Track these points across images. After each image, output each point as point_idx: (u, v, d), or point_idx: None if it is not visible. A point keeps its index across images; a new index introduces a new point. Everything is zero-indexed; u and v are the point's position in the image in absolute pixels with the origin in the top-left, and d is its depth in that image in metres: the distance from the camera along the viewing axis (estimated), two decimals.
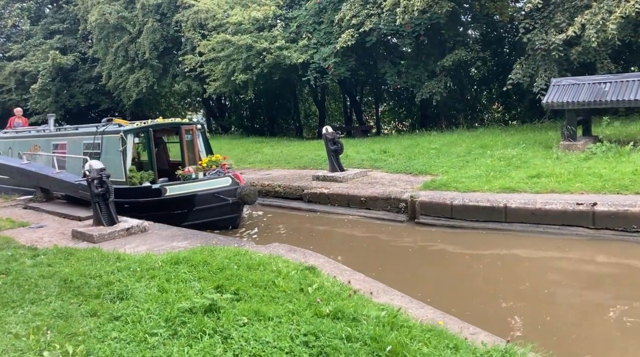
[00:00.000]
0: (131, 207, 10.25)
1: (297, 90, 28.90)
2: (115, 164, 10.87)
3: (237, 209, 10.50)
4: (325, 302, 5.00)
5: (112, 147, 11.02)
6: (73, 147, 12.32)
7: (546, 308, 6.35)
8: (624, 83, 11.72)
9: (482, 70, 24.01)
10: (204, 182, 10.51)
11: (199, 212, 10.35)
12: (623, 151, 11.15)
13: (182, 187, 10.50)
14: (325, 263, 6.82)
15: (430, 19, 17.87)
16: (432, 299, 6.32)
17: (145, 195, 10.58)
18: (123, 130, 10.89)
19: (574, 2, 14.34)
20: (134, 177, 10.94)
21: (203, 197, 10.33)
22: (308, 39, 20.25)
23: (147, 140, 11.31)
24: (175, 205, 10.37)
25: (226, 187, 10.34)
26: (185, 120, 12.03)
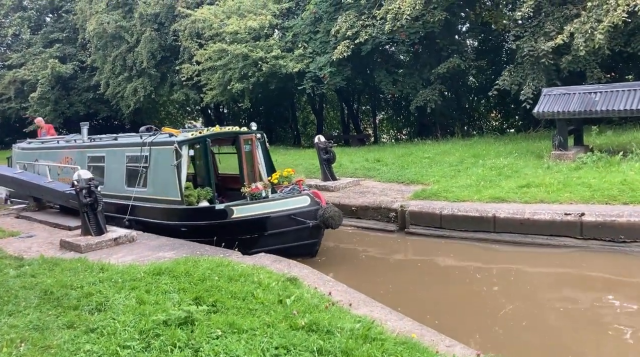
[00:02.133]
0: (189, 231, 9.10)
1: (295, 98, 29.01)
2: (167, 180, 9.51)
3: (318, 233, 8.88)
4: (301, 314, 5.01)
5: (163, 160, 9.62)
6: (113, 159, 10.99)
7: (527, 321, 6.35)
8: (613, 93, 11.74)
9: (479, 78, 24.08)
10: (277, 201, 8.94)
11: (271, 238, 8.87)
12: (613, 161, 11.16)
13: (252, 208, 8.95)
14: (309, 274, 6.83)
15: (424, 27, 17.96)
16: (414, 310, 6.31)
17: (207, 217, 9.12)
18: (177, 141, 9.43)
19: (564, 11, 14.42)
20: (190, 196, 9.46)
21: (277, 220, 8.81)
22: (304, 49, 20.36)
23: (204, 152, 9.90)
24: (243, 229, 8.87)
25: (305, 208, 8.76)
26: (244, 129, 10.60)
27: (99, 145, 11.79)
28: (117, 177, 10.71)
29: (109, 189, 10.72)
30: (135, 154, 10.37)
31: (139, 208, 9.97)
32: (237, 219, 8.91)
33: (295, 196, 8.94)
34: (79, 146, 12.36)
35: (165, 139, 9.81)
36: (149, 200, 9.85)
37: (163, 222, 9.49)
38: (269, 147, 10.98)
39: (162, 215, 9.60)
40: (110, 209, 10.31)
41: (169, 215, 9.49)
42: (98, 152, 11.59)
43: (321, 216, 8.64)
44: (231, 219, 8.89)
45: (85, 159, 11.78)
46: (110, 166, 11.00)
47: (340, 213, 8.90)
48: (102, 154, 11.37)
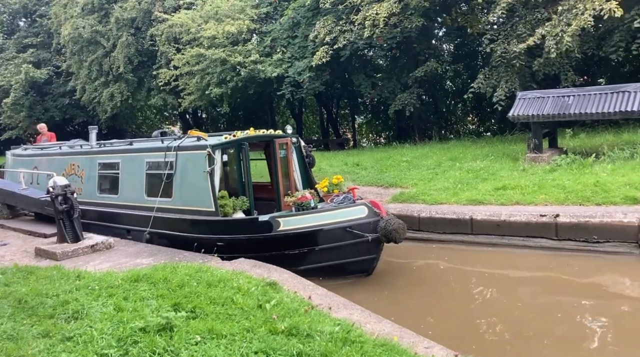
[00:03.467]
0: (227, 245, 8.17)
1: (274, 103, 28.97)
2: (198, 188, 8.62)
3: (377, 248, 7.94)
4: (281, 318, 5.02)
5: (193, 167, 8.73)
6: (130, 166, 10.01)
7: (504, 322, 6.45)
8: (586, 96, 12.01)
9: (456, 82, 24.37)
10: (330, 212, 8.02)
11: (323, 253, 8.01)
12: (586, 163, 11.39)
13: (301, 220, 8.05)
14: (289, 278, 6.83)
15: (402, 32, 18.13)
16: (394, 313, 6.36)
17: (249, 230, 8.21)
18: (211, 146, 8.52)
19: (535, 14, 14.69)
20: (226, 206, 8.55)
21: (330, 233, 7.91)
22: (282, 53, 20.37)
23: (239, 157, 8.99)
24: (291, 243, 8.03)
25: (362, 220, 7.83)
26: (279, 132, 9.72)
27: (112, 150, 10.78)
28: (135, 186, 9.82)
29: (125, 198, 9.94)
30: (157, 160, 9.43)
31: (163, 220, 9.04)
32: (284, 232, 7.98)
33: (350, 206, 8.02)
34: (88, 152, 11.33)
35: (195, 143, 8.89)
36: (174, 211, 8.97)
37: (194, 235, 8.51)
38: (304, 153, 9.97)
39: (192, 227, 8.69)
40: (126, 221, 9.72)
41: (201, 227, 8.56)
42: (111, 158, 10.59)
43: (383, 228, 7.67)
44: (277, 233, 7.99)
45: (96, 166, 10.89)
46: (127, 174, 10.06)
47: (405, 225, 7.87)
48: (117, 160, 10.37)
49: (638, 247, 8.32)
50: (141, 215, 9.37)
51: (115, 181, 10.34)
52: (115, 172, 10.37)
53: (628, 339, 5.81)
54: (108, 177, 10.62)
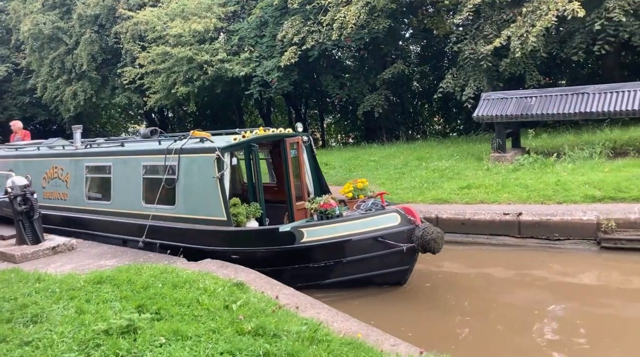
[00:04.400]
0: (243, 259, 7.47)
1: (242, 102, 28.78)
2: (205, 195, 7.93)
3: (411, 259, 7.42)
4: (248, 319, 4.99)
5: (199, 171, 8.02)
6: (124, 170, 9.21)
7: (467, 320, 6.56)
8: (548, 97, 12.32)
9: (423, 83, 24.67)
10: (359, 221, 7.39)
11: (351, 265, 7.43)
12: (548, 162, 11.69)
13: (327, 230, 7.39)
14: (256, 278, 6.79)
15: (369, 34, 18.25)
16: (358, 312, 6.40)
17: (269, 242, 7.57)
18: (220, 148, 7.78)
19: (500, 15, 15.00)
20: (239, 215, 7.85)
21: (360, 244, 7.32)
22: (250, 53, 20.24)
23: (248, 159, 8.27)
24: (316, 256, 7.44)
25: (394, 228, 7.28)
26: (289, 131, 8.98)
27: (102, 152, 9.89)
28: (130, 191, 9.02)
29: (119, 205, 9.18)
30: (155, 164, 8.67)
31: (165, 230, 8.33)
32: (308, 244, 7.34)
33: (381, 214, 7.42)
34: (73, 154, 10.44)
35: (201, 145, 8.15)
36: (177, 220, 8.27)
37: (203, 247, 7.84)
38: (315, 153, 9.33)
39: (202, 238, 7.96)
40: (123, 231, 8.94)
41: (212, 239, 7.84)
42: (101, 161, 9.77)
43: (419, 237, 7.10)
44: (300, 245, 7.35)
45: (83, 169, 10.01)
46: (120, 178, 9.25)
47: (443, 234, 7.29)
48: (108, 163, 9.55)
49: (597, 244, 8.59)
50: (140, 224, 8.55)
51: (106, 186, 9.52)
52: (107, 176, 9.54)
53: (592, 330, 6.00)
54: (98, 181, 9.83)
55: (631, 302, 6.83)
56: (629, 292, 7.15)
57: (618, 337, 5.80)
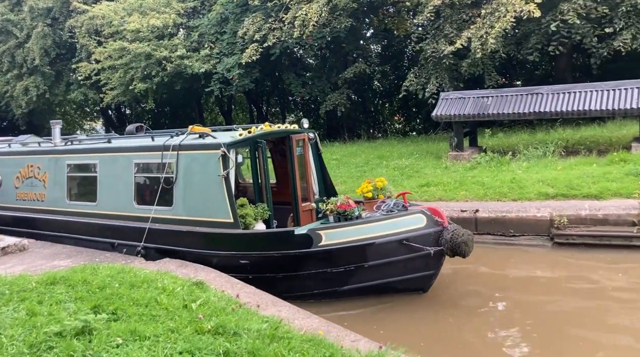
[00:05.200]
0: (254, 264, 7.07)
1: (203, 100, 28.42)
2: (210, 195, 7.40)
3: (437, 263, 6.98)
4: (207, 318, 4.93)
5: (201, 169, 7.50)
6: (112, 169, 8.59)
7: (428, 315, 6.69)
8: (504, 97, 12.66)
9: (383, 83, 24.95)
10: (382, 223, 6.92)
11: (373, 270, 6.94)
12: (504, 161, 12.01)
13: (347, 232, 6.89)
14: (216, 277, 6.73)
15: (331, 32, 18.32)
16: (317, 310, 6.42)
17: (283, 245, 7.01)
18: (225, 144, 7.26)
19: (460, 15, 15.32)
20: (247, 217, 7.28)
21: (383, 247, 6.84)
22: (210, 49, 20.00)
23: (254, 157, 7.80)
24: (336, 260, 6.91)
25: (420, 230, 6.84)
26: (294, 127, 8.42)
27: (87, 149, 9.20)
28: (119, 192, 8.43)
29: (106, 206, 8.52)
30: (150, 162, 8.12)
31: (163, 233, 7.73)
32: (326, 247, 6.83)
33: (405, 215, 6.98)
34: (52, 151, 9.69)
35: (204, 141, 7.58)
36: (174, 222, 7.69)
37: (207, 252, 7.37)
38: (321, 150, 8.79)
39: (205, 243, 7.46)
40: (111, 234, 8.30)
41: (218, 243, 7.35)
42: (85, 158, 9.09)
43: (449, 240, 6.68)
44: (318, 248, 6.83)
45: (64, 168, 9.31)
46: (108, 178, 8.62)
47: (473, 236, 6.91)
48: (94, 161, 8.87)
49: (550, 240, 8.88)
50: (132, 227, 7.98)
51: (92, 185, 8.86)
52: (92, 175, 8.89)
53: (545, 323, 6.20)
54: (81, 181, 9.21)
55: (576, 296, 7.09)
56: (577, 287, 7.41)
57: (563, 330, 6.02)
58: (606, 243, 8.51)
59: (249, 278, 6.82)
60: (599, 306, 6.71)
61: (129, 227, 8.02)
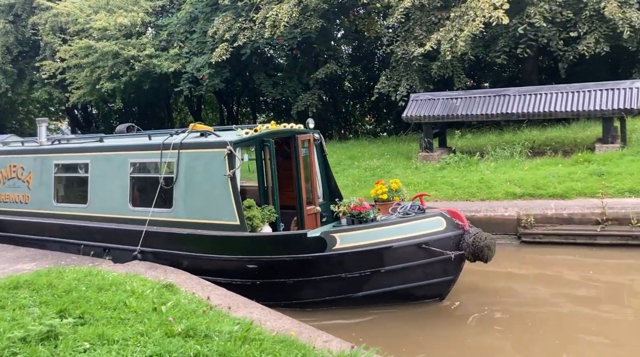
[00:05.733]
0: (263, 269, 6.78)
1: (172, 99, 28.06)
2: (214, 196, 7.11)
3: (456, 268, 6.72)
4: (178, 320, 4.86)
5: (205, 169, 7.20)
6: (106, 169, 8.24)
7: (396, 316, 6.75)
8: (472, 99, 12.88)
9: (355, 84, 25.08)
10: (399, 226, 6.65)
11: (390, 275, 6.66)
12: (472, 161, 12.21)
13: (363, 235, 6.62)
14: (186, 279, 6.64)
15: (302, 33, 18.31)
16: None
17: (295, 249, 6.70)
18: (232, 143, 6.97)
19: (430, 17, 15.52)
20: (255, 219, 6.94)
21: (401, 251, 6.57)
22: (180, 48, 19.75)
23: (260, 157, 7.39)
24: (350, 264, 6.62)
25: (440, 234, 6.58)
26: (300, 127, 8.08)
27: (77, 148, 8.83)
28: (113, 193, 8.06)
29: (98, 209, 8.14)
30: (147, 161, 7.83)
31: (162, 236, 7.41)
32: (341, 251, 6.54)
33: (424, 218, 6.69)
34: (37, 151, 9.26)
35: (208, 139, 7.29)
36: (174, 224, 7.37)
37: (211, 255, 7.06)
38: (326, 152, 8.48)
39: (209, 246, 7.15)
40: (103, 238, 7.94)
41: (222, 246, 7.03)
42: (75, 158, 8.71)
43: (471, 244, 6.43)
44: (332, 252, 6.53)
45: (51, 168, 8.90)
46: (100, 178, 8.25)
47: (495, 240, 6.71)
48: (84, 160, 8.49)
49: (517, 238, 9.07)
50: (127, 230, 7.62)
51: (82, 186, 8.48)
52: (82, 175, 8.52)
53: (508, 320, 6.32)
54: (71, 182, 8.85)
55: (539, 295, 7.26)
56: (543, 284, 7.59)
57: (535, 327, 6.16)
58: (571, 241, 8.74)
59: (257, 284, 6.65)
60: (567, 305, 6.89)
61: (123, 230, 7.68)
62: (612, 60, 16.82)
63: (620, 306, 6.86)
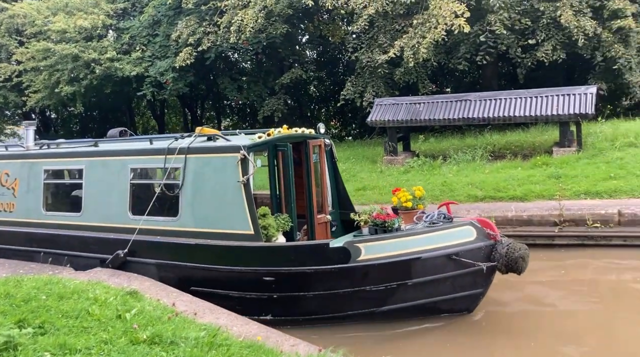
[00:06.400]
0: (280, 281, 6.37)
1: (134, 103, 27.58)
2: (226, 204, 6.71)
3: (487, 281, 6.46)
4: (143, 327, 4.80)
5: (215, 175, 6.80)
6: (103, 175, 7.74)
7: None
8: (435, 104, 13.12)
9: (320, 88, 25.20)
10: (427, 235, 6.34)
11: (417, 288, 6.34)
12: (435, 165, 12.44)
13: (390, 246, 6.26)
14: (151, 286, 6.56)
15: (267, 37, 18.31)
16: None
17: (316, 260, 6.30)
18: (246, 147, 6.59)
19: (393, 25, 15.76)
20: (270, 228, 6.60)
21: (430, 263, 6.26)
22: (142, 52, 19.44)
23: (273, 163, 7.11)
24: (376, 277, 6.28)
25: (470, 244, 6.29)
26: (310, 132, 7.68)
27: (70, 153, 8.34)
28: (110, 200, 7.57)
29: (92, 218, 7.62)
30: (149, 167, 7.55)
31: (167, 247, 7.00)
32: (366, 262, 6.19)
33: (453, 227, 6.39)
34: (24, 156, 8.72)
35: (218, 144, 6.89)
36: (181, 234, 6.94)
37: (222, 267, 6.63)
38: (336, 158, 8.16)
39: (219, 257, 6.70)
40: (100, 249, 7.38)
41: (236, 257, 6.59)
42: (68, 164, 8.32)
43: (504, 255, 6.16)
44: (357, 263, 6.18)
45: (40, 174, 8.32)
46: (96, 185, 7.73)
47: (529, 250, 6.38)
48: (78, 166, 8.05)
49: None
50: (128, 240, 7.11)
51: (75, 194, 8.02)
52: (76, 182, 8.08)
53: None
54: (62, 189, 8.43)
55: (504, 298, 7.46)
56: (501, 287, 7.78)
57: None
58: (531, 242, 8.95)
59: (273, 298, 6.36)
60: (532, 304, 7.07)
61: (124, 240, 7.14)
62: (568, 66, 17.42)
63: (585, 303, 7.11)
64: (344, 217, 7.69)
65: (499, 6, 14.16)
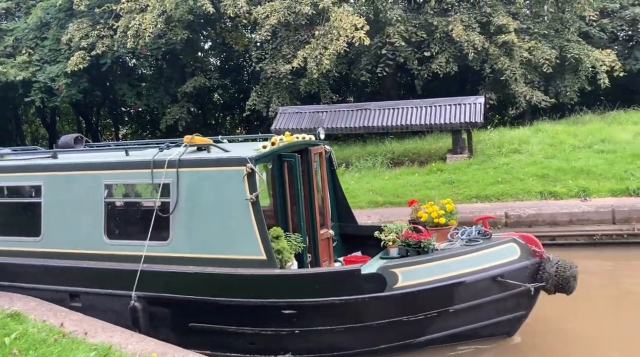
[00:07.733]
0: (303, 316, 5.50)
1: (21, 110, 25.66)
2: (230, 225, 5.75)
3: (530, 302, 5.90)
4: (24, 352, 4.45)
5: (215, 192, 5.81)
6: (66, 192, 6.53)
7: None
8: (337, 112, 13.42)
9: (225, 96, 24.87)
10: (468, 256, 5.71)
11: (459, 315, 5.71)
12: (338, 172, 12.60)
13: (429, 269, 5.57)
14: (36, 307, 6.13)
15: (167, 44, 17.79)
16: None
17: (346, 289, 5.44)
18: (253, 159, 5.63)
19: (296, 36, 15.94)
20: (284, 252, 5.69)
21: (474, 287, 5.63)
22: (29, 55, 18.15)
23: (280, 175, 6.11)
24: (415, 305, 5.57)
25: (515, 263, 5.73)
26: (310, 139, 6.92)
27: (22, 167, 6.95)
28: (79, 222, 6.42)
29: (55, 243, 6.46)
30: (131, 182, 6.51)
31: (160, 277, 5.89)
32: (405, 289, 5.44)
33: (495, 245, 5.81)
34: None
35: (216, 156, 5.89)
36: (172, 261, 5.87)
37: (230, 299, 5.61)
38: (336, 166, 7.39)
39: (227, 288, 5.68)
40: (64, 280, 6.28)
41: (246, 288, 5.62)
42: (21, 179, 6.95)
43: (554, 275, 5.62)
44: (394, 291, 5.42)
45: None
46: (58, 204, 6.55)
47: (577, 268, 5.80)
48: (35, 182, 6.74)
49: None
50: (108, 269, 6.09)
51: (32, 215, 6.78)
52: (32, 200, 6.81)
53: None
54: (14, 209, 7.18)
55: None
56: None
57: None
58: None
59: (295, 333, 5.52)
60: None
61: (103, 270, 6.09)
62: (461, 78, 18.54)
63: None
64: (342, 230, 7.05)
65: (396, 19, 14.78)
